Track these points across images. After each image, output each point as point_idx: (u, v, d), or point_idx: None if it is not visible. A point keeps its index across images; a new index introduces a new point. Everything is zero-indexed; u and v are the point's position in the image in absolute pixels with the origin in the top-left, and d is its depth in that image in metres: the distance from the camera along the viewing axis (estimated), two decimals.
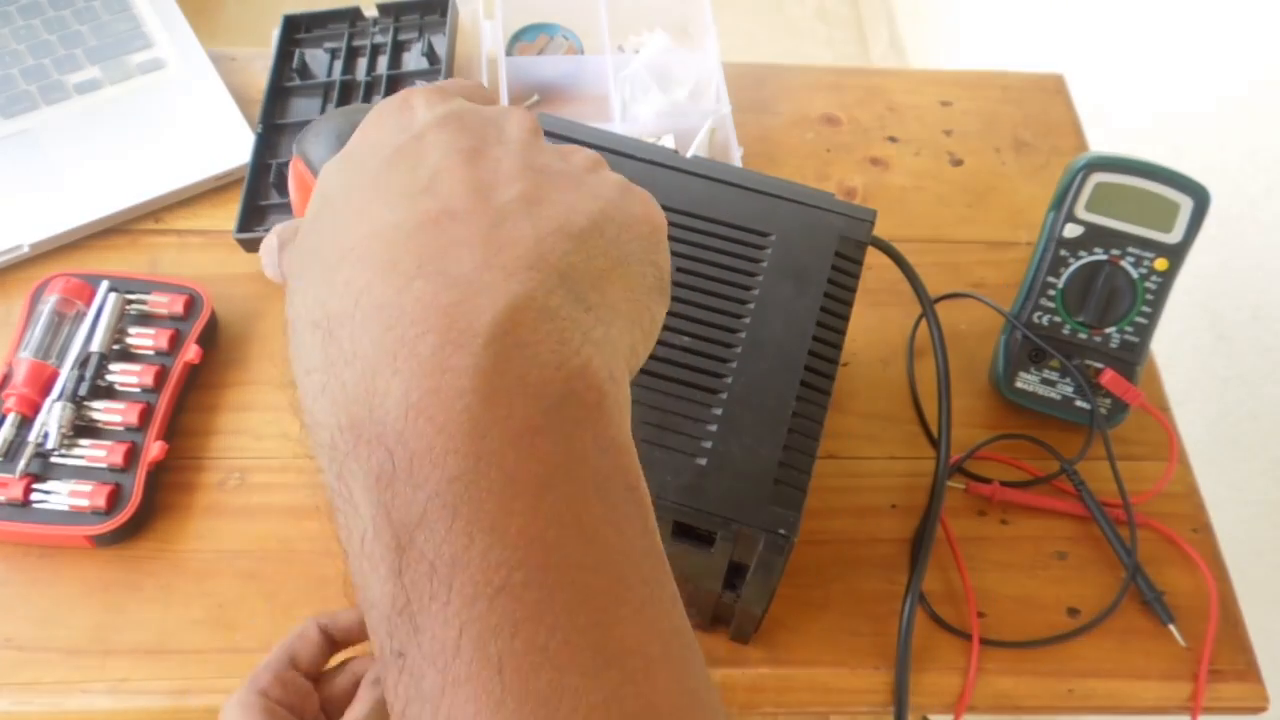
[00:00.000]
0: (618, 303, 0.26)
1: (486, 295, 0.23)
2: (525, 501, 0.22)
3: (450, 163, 0.26)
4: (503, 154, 0.27)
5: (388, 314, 0.23)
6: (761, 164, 0.77)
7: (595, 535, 0.22)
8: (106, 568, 0.57)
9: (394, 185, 0.26)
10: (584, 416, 0.23)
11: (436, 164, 0.26)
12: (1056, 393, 0.64)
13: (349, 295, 0.24)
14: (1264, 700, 0.59)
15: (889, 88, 0.83)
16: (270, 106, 0.73)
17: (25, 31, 0.76)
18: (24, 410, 0.59)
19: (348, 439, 0.23)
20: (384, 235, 0.24)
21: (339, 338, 0.23)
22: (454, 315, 0.22)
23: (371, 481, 0.22)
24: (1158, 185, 0.61)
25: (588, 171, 0.28)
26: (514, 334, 0.23)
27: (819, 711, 0.58)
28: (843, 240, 0.54)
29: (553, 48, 0.82)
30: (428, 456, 0.21)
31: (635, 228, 0.28)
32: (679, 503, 0.45)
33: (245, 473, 0.61)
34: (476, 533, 0.21)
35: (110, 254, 0.69)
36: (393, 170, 0.26)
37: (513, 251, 0.24)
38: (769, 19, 2.12)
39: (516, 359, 0.22)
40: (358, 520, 0.22)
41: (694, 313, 0.51)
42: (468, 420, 0.22)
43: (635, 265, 0.27)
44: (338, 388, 0.23)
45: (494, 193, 0.25)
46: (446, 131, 0.27)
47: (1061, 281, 0.63)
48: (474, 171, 0.26)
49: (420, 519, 0.21)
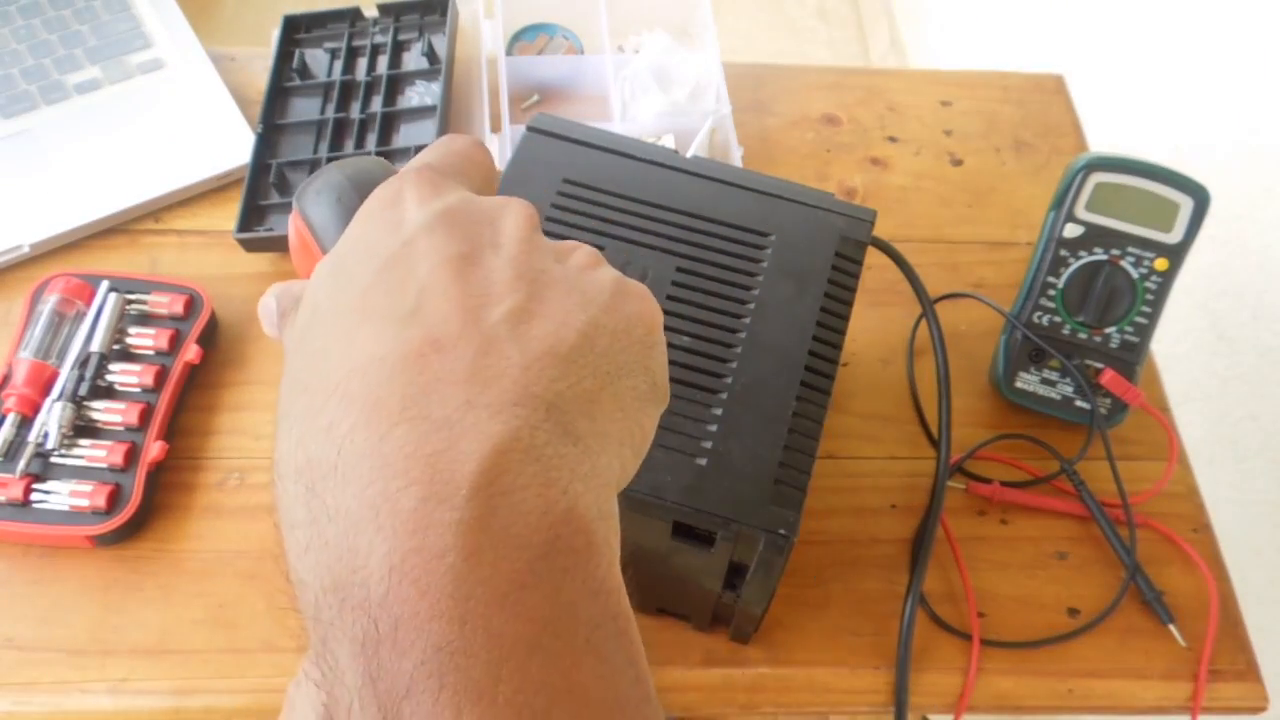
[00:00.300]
0: (607, 426, 0.25)
1: (470, 440, 0.22)
2: (513, 666, 0.21)
3: (439, 277, 0.25)
4: (495, 262, 0.26)
5: (369, 465, 0.22)
6: (761, 164, 0.77)
7: (586, 695, 0.22)
8: (106, 568, 0.57)
9: (381, 307, 0.25)
10: (572, 564, 0.22)
11: (425, 279, 0.25)
12: (1056, 393, 0.64)
13: (331, 443, 0.23)
14: (1264, 700, 0.59)
15: (889, 88, 0.83)
16: (270, 106, 0.73)
17: (25, 31, 0.76)
18: (24, 410, 0.59)
19: (332, 603, 0.22)
20: (368, 372, 0.23)
21: (320, 492, 0.23)
22: (437, 465, 0.22)
23: (357, 649, 0.21)
24: (1158, 185, 0.61)
25: (583, 271, 0.28)
26: (498, 482, 0.22)
27: (819, 711, 0.58)
28: (843, 240, 0.54)
29: (553, 48, 0.82)
30: (413, 622, 0.21)
31: (630, 332, 0.27)
32: (679, 503, 0.45)
33: (245, 473, 0.61)
34: (465, 705, 0.20)
35: (110, 254, 0.69)
36: (381, 287, 0.25)
37: (498, 386, 0.23)
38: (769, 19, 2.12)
39: (502, 509, 0.22)
40: (344, 691, 0.22)
41: (694, 313, 0.51)
42: (451, 581, 0.21)
43: (627, 379, 0.26)
44: (321, 546, 0.22)
45: (483, 312, 0.24)
46: (437, 236, 0.26)
47: (1061, 281, 0.63)
48: (463, 286, 0.25)
49: (407, 691, 0.20)
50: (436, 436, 0.22)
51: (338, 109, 0.74)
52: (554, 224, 0.54)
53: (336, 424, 0.23)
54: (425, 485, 0.21)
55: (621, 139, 0.58)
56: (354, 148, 0.72)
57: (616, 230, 0.54)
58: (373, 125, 0.73)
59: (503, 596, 0.21)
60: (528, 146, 0.57)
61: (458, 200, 0.28)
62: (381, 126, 0.73)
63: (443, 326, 0.24)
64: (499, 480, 0.22)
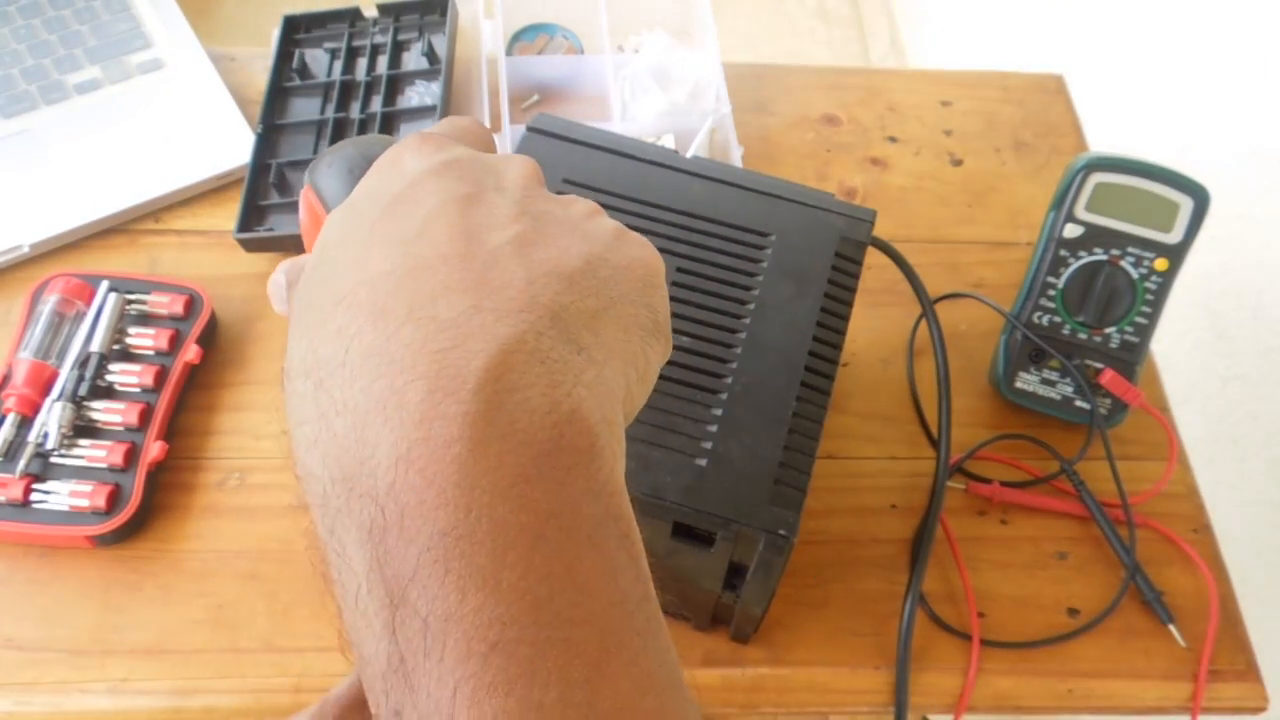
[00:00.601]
0: (611, 343, 0.26)
1: (476, 339, 0.23)
2: (517, 554, 0.21)
3: (445, 209, 0.26)
4: (499, 199, 0.27)
5: (377, 361, 0.23)
6: (761, 164, 0.77)
7: (587, 586, 0.22)
8: (106, 568, 0.57)
9: (389, 232, 0.26)
10: (576, 462, 0.23)
11: (431, 210, 0.26)
12: (1056, 393, 0.64)
13: (340, 342, 0.23)
14: (1264, 700, 0.59)
15: (889, 88, 0.83)
16: (270, 106, 0.73)
17: (25, 31, 0.76)
18: (24, 410, 0.59)
19: (340, 493, 0.22)
20: (376, 282, 0.24)
21: (329, 387, 0.23)
22: (443, 361, 0.22)
23: (364, 536, 0.22)
24: (1158, 185, 0.61)
25: (585, 218, 0.28)
26: (504, 379, 0.22)
27: (819, 711, 0.58)
28: (843, 240, 0.54)
29: (552, 48, 0.82)
30: (419, 510, 0.21)
31: (631, 269, 0.28)
32: (679, 503, 0.45)
33: (245, 473, 0.61)
34: (469, 589, 0.21)
35: (110, 254, 0.69)
36: (389, 218, 0.26)
37: (504, 294, 0.24)
38: (769, 19, 2.12)
39: (507, 404, 0.22)
40: (351, 576, 0.22)
41: (694, 313, 0.51)
42: (457, 471, 0.21)
43: (629, 306, 0.27)
44: (329, 439, 0.23)
45: (487, 236, 0.25)
46: (444, 179, 0.27)
47: (1061, 281, 0.63)
48: (468, 217, 0.26)
49: (413, 574, 0.21)
50: (443, 335, 0.23)
51: (338, 109, 0.74)
52: None
53: (345, 327, 0.24)
54: (432, 379, 0.22)
55: (621, 139, 0.58)
56: None
57: None
58: (373, 125, 0.73)
59: (507, 487, 0.22)
60: (527, 146, 0.57)
61: (463, 152, 0.29)
62: (381, 126, 0.73)
63: (449, 245, 0.25)
64: (505, 377, 0.22)
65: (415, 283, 0.24)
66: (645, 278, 0.28)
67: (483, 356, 0.22)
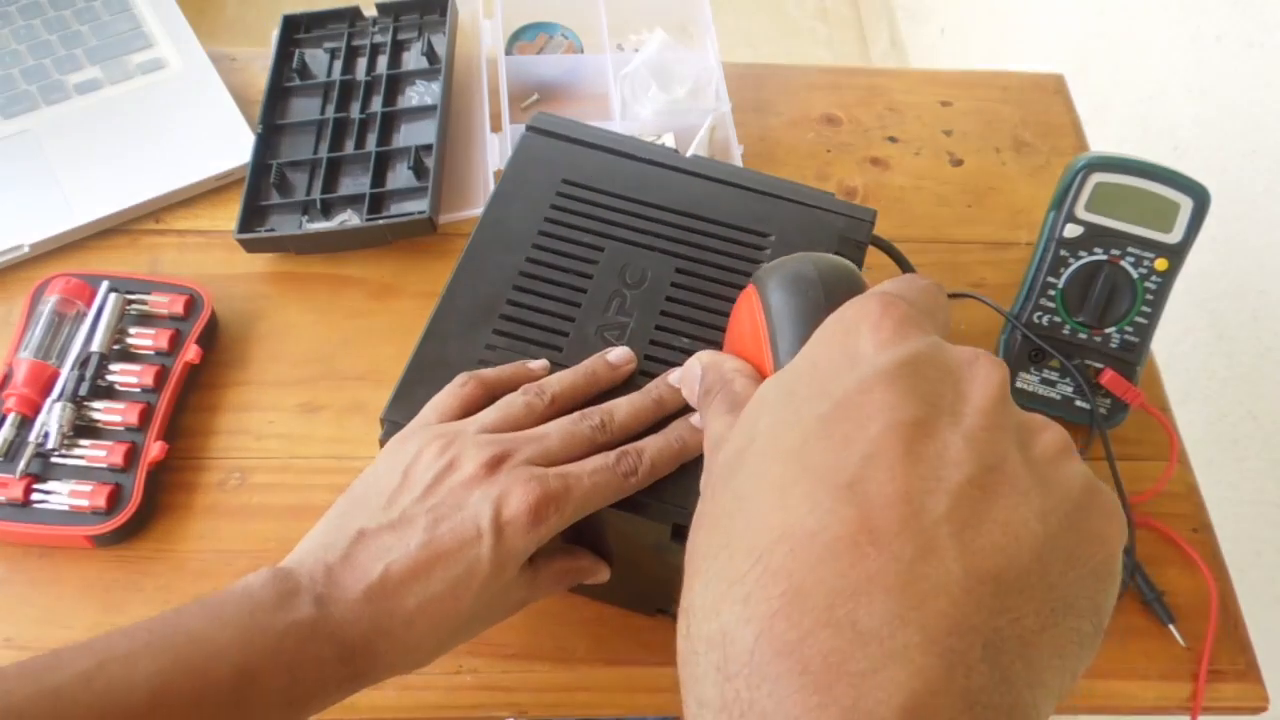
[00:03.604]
0: (1043, 674, 0.22)
1: (898, 667, 0.20)
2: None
3: (887, 445, 0.23)
4: (952, 437, 0.24)
5: (788, 667, 0.21)
6: (761, 164, 0.77)
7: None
8: (106, 568, 0.57)
9: (820, 466, 0.23)
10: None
11: (872, 444, 0.23)
12: (1056, 393, 0.64)
13: (748, 624, 0.21)
14: (1264, 700, 0.59)
15: (889, 88, 0.83)
16: (270, 106, 0.73)
17: (25, 31, 0.76)
18: (24, 410, 0.59)
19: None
20: (796, 548, 0.22)
21: (734, 678, 0.21)
22: (860, 690, 0.20)
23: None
24: (1158, 185, 0.61)
25: (1049, 464, 0.25)
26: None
27: None
28: (843, 240, 0.54)
29: (552, 47, 0.82)
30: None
31: (1089, 556, 0.24)
32: (679, 505, 0.45)
33: (245, 473, 0.61)
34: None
35: (110, 254, 0.69)
36: (824, 438, 0.24)
37: (934, 606, 0.21)
38: (769, 19, 2.12)
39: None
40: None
41: (694, 313, 0.51)
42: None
43: (1072, 619, 0.23)
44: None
45: (928, 502, 0.22)
46: (896, 389, 0.24)
47: (1061, 281, 0.63)
48: (911, 465, 0.23)
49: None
50: (862, 653, 0.20)
51: (338, 109, 0.74)
52: (554, 224, 0.54)
53: (754, 599, 0.22)
54: (847, 711, 0.20)
55: (621, 138, 0.58)
56: (354, 148, 0.72)
57: (616, 230, 0.54)
58: (373, 125, 0.73)
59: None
60: (527, 146, 0.57)
61: (925, 347, 0.25)
62: (381, 126, 0.73)
63: (882, 514, 0.22)
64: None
65: (838, 565, 0.21)
66: (1102, 568, 0.24)
67: (905, 694, 0.20)
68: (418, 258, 0.70)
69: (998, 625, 0.21)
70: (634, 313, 0.51)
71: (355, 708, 0.53)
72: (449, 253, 0.69)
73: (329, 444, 0.62)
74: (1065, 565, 0.23)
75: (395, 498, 0.42)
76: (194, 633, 0.38)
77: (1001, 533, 0.22)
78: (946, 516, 0.22)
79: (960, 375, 0.25)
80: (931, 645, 0.20)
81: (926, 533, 0.22)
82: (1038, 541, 0.23)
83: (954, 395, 0.25)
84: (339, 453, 0.61)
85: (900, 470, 0.23)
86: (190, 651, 0.37)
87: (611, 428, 0.45)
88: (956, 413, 0.24)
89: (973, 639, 0.21)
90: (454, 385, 0.47)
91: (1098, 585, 0.24)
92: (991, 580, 0.22)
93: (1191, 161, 1.01)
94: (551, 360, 0.49)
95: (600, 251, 0.53)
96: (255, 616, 0.38)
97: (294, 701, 0.39)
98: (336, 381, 0.64)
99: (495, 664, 0.55)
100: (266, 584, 0.40)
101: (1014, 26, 1.51)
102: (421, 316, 0.51)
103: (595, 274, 0.52)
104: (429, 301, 0.51)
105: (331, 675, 0.40)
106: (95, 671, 0.36)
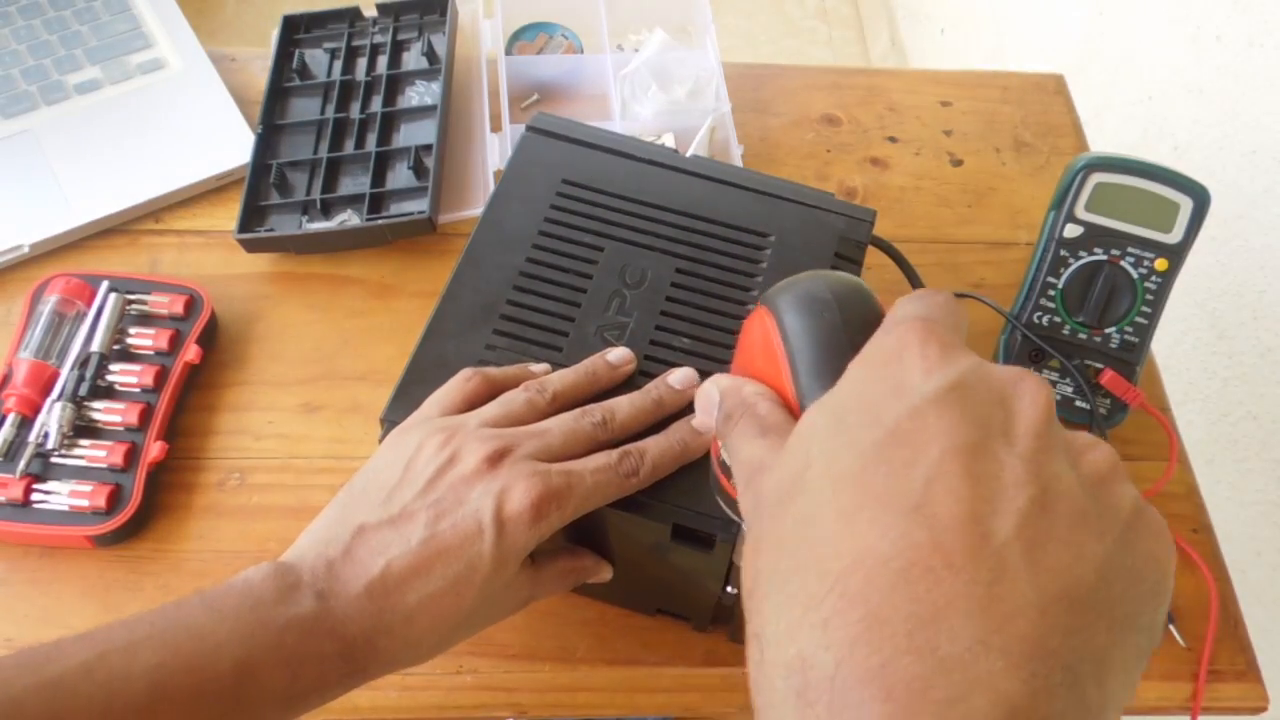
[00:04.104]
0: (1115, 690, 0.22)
1: (984, 694, 0.20)
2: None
3: (948, 469, 0.23)
4: (1008, 457, 0.24)
5: (871, 695, 0.20)
6: (761, 164, 0.77)
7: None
8: (106, 568, 0.57)
9: (884, 491, 0.23)
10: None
11: (932, 468, 0.23)
12: (1056, 393, 0.64)
13: (828, 649, 0.21)
14: (1264, 700, 0.59)
15: (889, 88, 0.83)
16: (270, 106, 0.73)
17: (25, 31, 0.76)
18: (24, 410, 0.59)
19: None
20: (873, 573, 0.22)
21: (816, 706, 0.21)
22: (945, 718, 0.20)
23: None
24: (1158, 185, 0.61)
25: (1100, 485, 0.25)
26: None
27: None
28: (842, 240, 0.54)
29: (552, 47, 0.82)
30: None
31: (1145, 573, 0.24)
32: (679, 505, 0.45)
33: (245, 473, 0.61)
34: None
35: (110, 254, 0.69)
36: (883, 464, 0.24)
37: (1013, 628, 0.21)
38: (769, 19, 2.12)
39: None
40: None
41: (694, 313, 0.51)
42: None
43: (1134, 634, 0.23)
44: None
45: (992, 525, 0.22)
46: (949, 414, 0.24)
47: (1061, 281, 0.63)
48: (972, 488, 0.23)
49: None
50: (946, 680, 0.20)
51: (337, 109, 0.74)
52: (554, 224, 0.54)
53: (833, 625, 0.22)
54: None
55: (621, 138, 0.58)
56: (354, 147, 0.72)
57: (616, 230, 0.54)
58: (373, 125, 0.73)
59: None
60: (527, 146, 0.57)
61: (969, 370, 0.26)
62: (381, 126, 0.73)
63: (952, 536, 0.22)
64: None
65: (914, 589, 0.21)
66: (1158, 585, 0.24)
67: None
68: (417, 257, 0.70)
69: (1073, 646, 0.21)
70: (634, 313, 0.51)
71: (356, 708, 0.53)
72: (449, 253, 0.69)
73: (328, 444, 0.62)
74: (1125, 584, 0.23)
75: (396, 492, 0.42)
76: (194, 626, 0.38)
77: (1067, 552, 0.22)
78: (1015, 538, 0.22)
79: (1007, 395, 0.25)
80: (1015, 671, 0.20)
81: (998, 554, 0.22)
82: (1100, 561, 0.23)
83: (1004, 416, 0.25)
84: (338, 453, 0.61)
85: (964, 493, 0.23)
86: (190, 645, 0.37)
87: (613, 426, 0.45)
88: (1009, 434, 0.24)
89: (1052, 662, 0.21)
90: (458, 380, 0.47)
91: (1154, 603, 0.24)
92: (1065, 600, 0.22)
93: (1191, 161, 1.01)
94: (551, 361, 0.49)
95: (600, 251, 0.53)
96: (256, 611, 0.39)
97: (293, 696, 0.39)
98: (336, 381, 0.64)
99: (496, 664, 0.55)
100: (268, 578, 0.40)
101: (1014, 26, 1.51)
102: (421, 316, 0.51)
103: (595, 274, 0.52)
104: (429, 301, 0.51)
105: (332, 671, 0.40)
106: (95, 663, 0.36)
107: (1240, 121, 0.96)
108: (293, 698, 0.39)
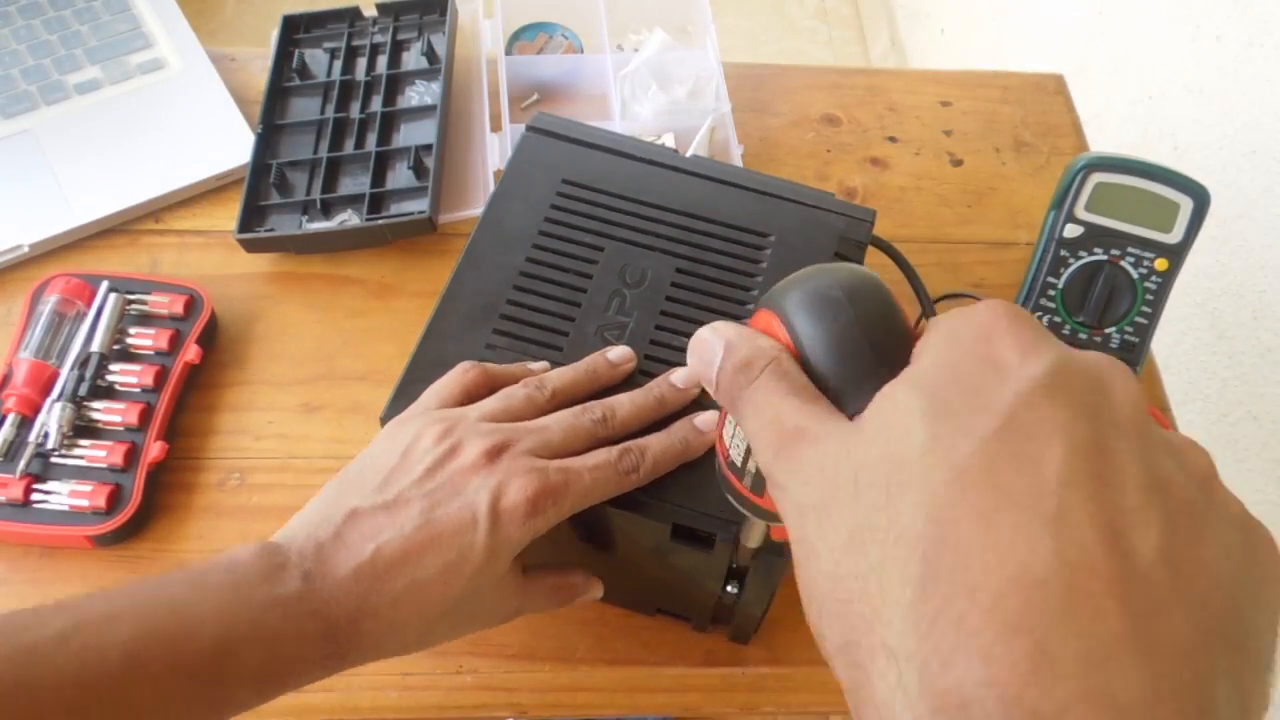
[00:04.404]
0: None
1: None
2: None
3: (1077, 469, 0.21)
4: (1127, 461, 0.22)
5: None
6: (761, 164, 0.77)
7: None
8: (107, 568, 0.57)
9: (1017, 490, 0.21)
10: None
11: (1061, 467, 0.21)
12: None
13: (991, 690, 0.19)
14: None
15: (889, 88, 0.83)
16: (270, 106, 0.73)
17: (25, 31, 0.76)
18: (24, 410, 0.59)
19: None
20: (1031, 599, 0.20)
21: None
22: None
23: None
24: (1158, 185, 0.61)
25: (1201, 488, 0.23)
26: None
27: (819, 711, 0.58)
28: (842, 240, 0.54)
29: (552, 47, 0.82)
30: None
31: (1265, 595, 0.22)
32: (679, 505, 0.45)
33: (245, 473, 0.61)
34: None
35: (110, 254, 0.69)
36: (1011, 458, 0.21)
37: (1182, 676, 0.19)
38: (769, 19, 2.12)
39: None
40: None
41: (694, 313, 0.51)
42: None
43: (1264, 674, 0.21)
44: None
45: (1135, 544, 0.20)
46: (1059, 405, 0.22)
47: (1061, 281, 0.63)
48: (1106, 495, 0.21)
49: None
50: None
51: (337, 109, 0.74)
52: (554, 224, 0.54)
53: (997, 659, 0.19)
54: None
55: (621, 138, 0.58)
56: (354, 147, 0.72)
57: (616, 230, 0.54)
58: (372, 125, 0.73)
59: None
60: (527, 146, 0.57)
61: (1061, 357, 0.24)
62: (381, 126, 0.73)
63: (1101, 555, 0.20)
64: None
65: (1079, 619, 0.19)
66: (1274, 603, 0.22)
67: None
68: (417, 257, 0.70)
69: (1226, 690, 0.20)
70: (634, 312, 0.51)
71: (357, 708, 0.53)
72: (449, 252, 0.69)
73: (328, 444, 0.62)
74: (1254, 609, 0.21)
75: (391, 479, 0.42)
76: (175, 601, 0.38)
77: (1204, 576, 0.21)
78: (1159, 559, 0.20)
79: (1102, 383, 0.24)
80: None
81: (1147, 579, 0.20)
82: (1230, 584, 0.21)
83: (1108, 407, 0.23)
84: (338, 453, 0.61)
85: (1101, 499, 0.21)
86: (170, 620, 0.37)
87: (613, 423, 0.45)
88: (1118, 427, 0.23)
89: (1216, 714, 0.19)
90: (457, 372, 0.47)
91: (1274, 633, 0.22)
92: (1216, 636, 0.20)
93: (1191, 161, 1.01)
94: (551, 360, 0.49)
95: (600, 251, 0.53)
96: (239, 589, 0.38)
97: (272, 675, 0.39)
98: (336, 381, 0.64)
99: (496, 664, 0.55)
100: (254, 557, 0.40)
101: (1014, 26, 1.51)
102: (421, 316, 0.51)
103: (595, 274, 0.52)
104: (429, 301, 0.51)
105: (313, 652, 0.39)
106: (71, 632, 0.35)
107: (1240, 121, 0.96)
108: (270, 675, 0.39)
